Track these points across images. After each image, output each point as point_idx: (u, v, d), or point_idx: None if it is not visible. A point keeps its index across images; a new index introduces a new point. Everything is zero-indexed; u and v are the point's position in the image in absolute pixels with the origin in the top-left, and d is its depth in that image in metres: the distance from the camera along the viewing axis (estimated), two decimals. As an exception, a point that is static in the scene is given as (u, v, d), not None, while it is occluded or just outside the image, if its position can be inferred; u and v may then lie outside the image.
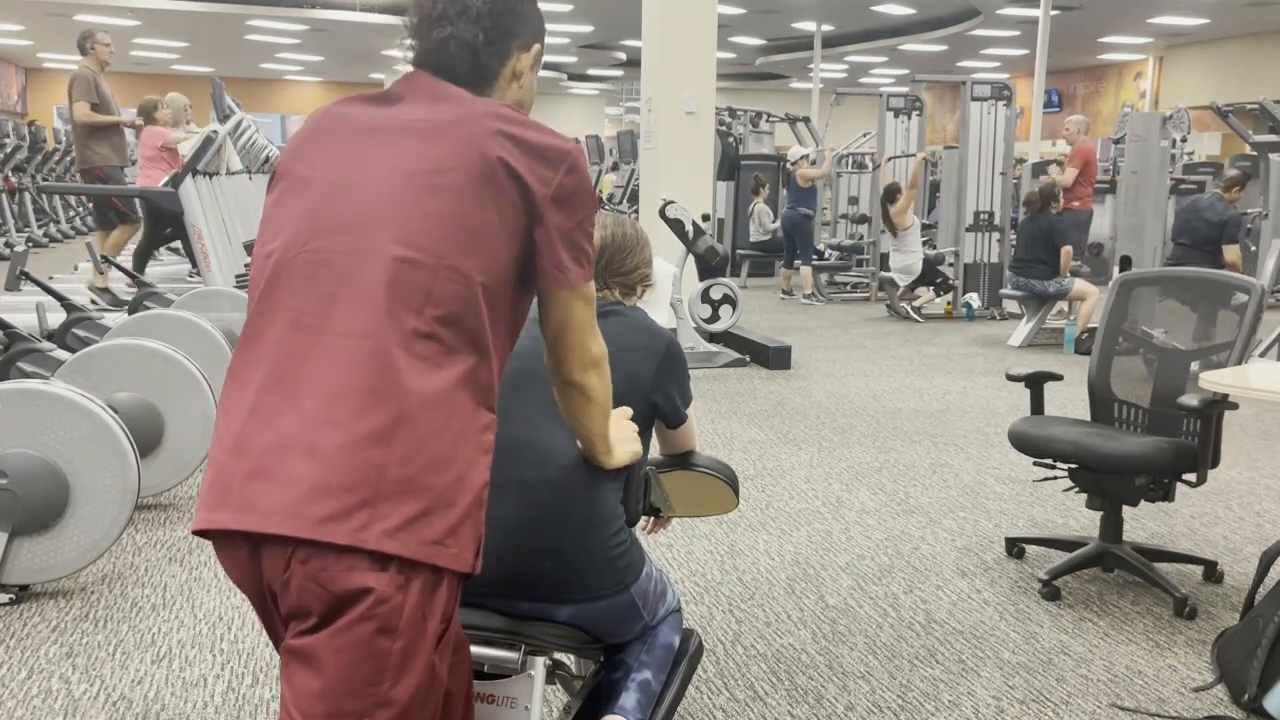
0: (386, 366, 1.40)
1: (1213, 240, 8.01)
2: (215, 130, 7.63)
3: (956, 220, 10.63)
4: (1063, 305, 9.17)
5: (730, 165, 13.11)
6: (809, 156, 12.12)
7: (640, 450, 1.94)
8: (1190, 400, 3.19)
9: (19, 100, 27.32)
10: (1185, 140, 13.29)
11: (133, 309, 5.77)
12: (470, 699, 1.67)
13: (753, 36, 21.14)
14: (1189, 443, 3.41)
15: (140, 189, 7.93)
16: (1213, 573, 3.67)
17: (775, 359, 7.59)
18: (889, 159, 11.35)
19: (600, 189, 17.84)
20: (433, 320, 1.44)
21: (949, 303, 10.40)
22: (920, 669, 2.99)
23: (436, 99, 1.57)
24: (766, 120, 15.26)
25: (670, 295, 7.52)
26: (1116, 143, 14.72)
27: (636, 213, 10.71)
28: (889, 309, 10.53)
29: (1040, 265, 8.41)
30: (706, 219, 8.31)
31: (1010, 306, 10.08)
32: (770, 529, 4.16)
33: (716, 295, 8.05)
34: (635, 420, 2.00)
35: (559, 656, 2.23)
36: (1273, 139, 10.92)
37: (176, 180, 7.19)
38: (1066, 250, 8.39)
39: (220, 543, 1.44)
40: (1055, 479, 3.72)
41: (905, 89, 11.96)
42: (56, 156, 17.28)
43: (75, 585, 3.48)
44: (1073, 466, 3.55)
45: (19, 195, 15.35)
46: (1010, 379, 3.82)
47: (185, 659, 2.99)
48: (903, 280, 10.20)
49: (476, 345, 1.48)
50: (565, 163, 1.55)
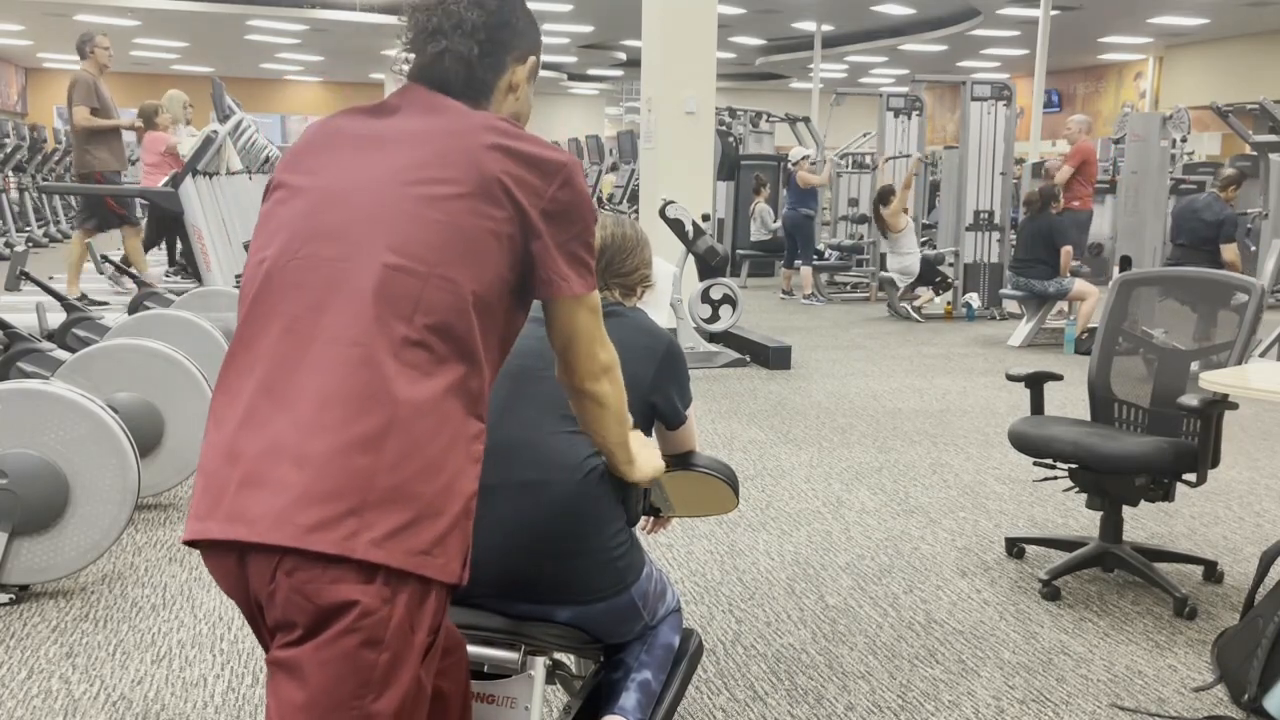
0: (376, 373, 1.39)
1: (1210, 240, 8.01)
2: (215, 130, 7.63)
3: (956, 220, 10.63)
4: (1063, 305, 9.16)
5: (730, 165, 13.11)
6: (810, 158, 12.12)
7: (664, 466, 1.93)
8: (1190, 400, 3.19)
9: (19, 100, 27.32)
10: (1185, 140, 13.28)
11: (133, 309, 5.78)
12: (468, 700, 1.67)
13: (753, 36, 21.14)
14: (1189, 443, 3.41)
15: (140, 189, 7.93)
16: (1213, 573, 3.67)
17: (775, 359, 7.59)
18: (887, 159, 11.35)
19: (600, 189, 17.82)
20: (423, 328, 1.43)
21: (949, 303, 10.40)
22: (920, 669, 2.99)
23: (432, 111, 1.56)
24: (766, 120, 15.25)
25: (670, 295, 7.53)
26: (1116, 143, 14.71)
27: (636, 213, 10.71)
28: (890, 309, 10.53)
29: (1040, 265, 8.41)
30: (706, 219, 8.31)
31: (1010, 306, 10.07)
32: (770, 529, 4.16)
33: (716, 295, 8.05)
34: (635, 422, 2.00)
35: (559, 656, 2.23)
36: (1273, 139, 10.92)
37: (176, 180, 7.20)
38: (1066, 250, 8.39)
39: (208, 552, 1.43)
40: (1055, 479, 3.72)
41: (905, 89, 11.97)
42: (56, 156, 17.30)
43: (75, 585, 3.48)
44: (1073, 466, 3.55)
45: (21, 195, 15.36)
46: (1010, 379, 3.82)
47: (185, 659, 2.99)
48: (902, 281, 10.20)
49: (467, 354, 1.46)
50: (560, 175, 1.54)
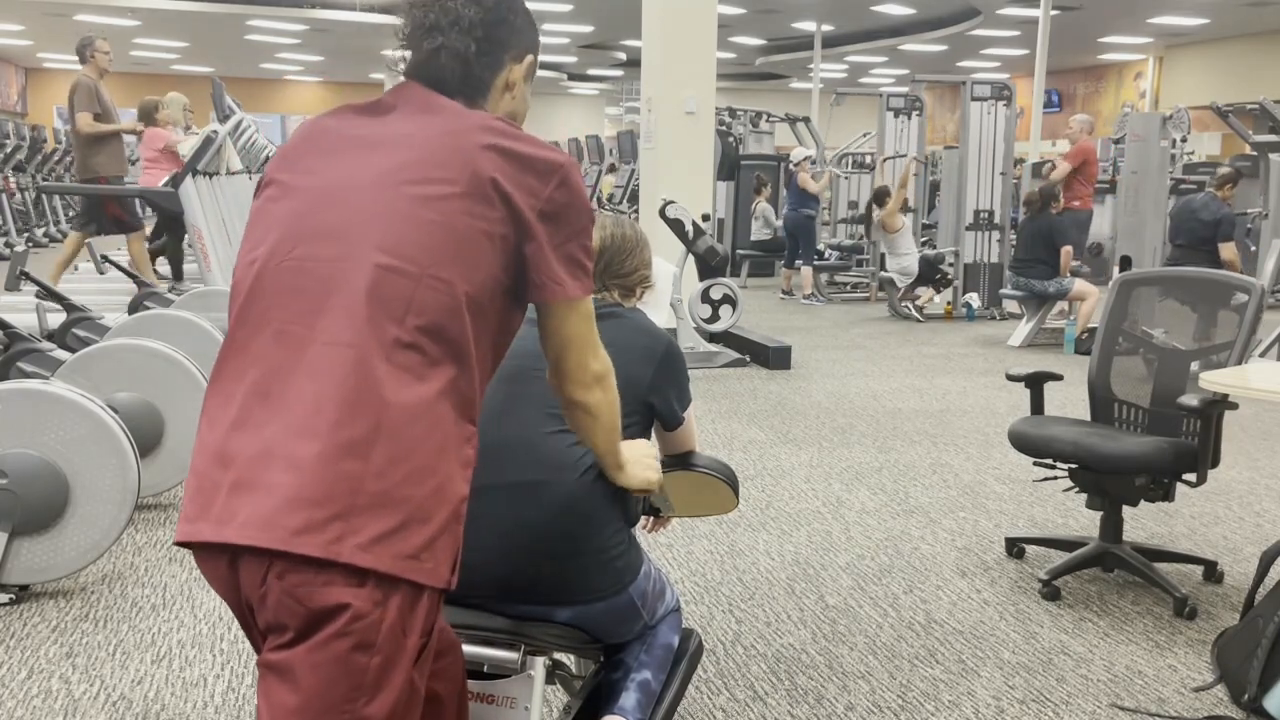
0: (367, 377, 1.38)
1: (1209, 240, 8.01)
2: (215, 130, 7.63)
3: (956, 220, 10.63)
4: (1063, 305, 9.16)
5: (730, 165, 13.11)
6: (811, 158, 12.12)
7: (660, 480, 1.90)
8: (1190, 400, 3.19)
9: (19, 100, 27.32)
10: (1185, 140, 13.29)
11: (133, 309, 5.77)
12: (464, 703, 1.66)
13: (753, 36, 21.15)
14: (1189, 443, 3.41)
15: (140, 189, 7.92)
16: (1213, 573, 3.67)
17: (775, 359, 7.59)
18: (885, 159, 11.36)
19: (600, 189, 17.81)
20: (415, 329, 1.41)
21: (949, 302, 10.40)
22: (920, 669, 2.99)
23: (427, 110, 1.54)
24: (766, 120, 15.25)
25: (670, 295, 7.52)
26: (1116, 143, 14.72)
27: (636, 213, 10.72)
28: (890, 309, 10.53)
29: (1040, 265, 8.41)
30: (706, 219, 8.31)
31: (1010, 306, 10.07)
32: (770, 529, 4.16)
33: (716, 295, 8.05)
34: (634, 422, 2.00)
35: (559, 656, 2.23)
36: (1273, 139, 10.92)
37: (177, 180, 7.19)
38: (1066, 250, 8.38)
39: (200, 554, 1.42)
40: (1055, 479, 3.72)
41: (905, 89, 11.97)
42: (56, 157, 17.31)
43: (75, 585, 3.48)
44: (1073, 466, 3.55)
45: (22, 195, 15.36)
46: (1010, 379, 3.82)
47: (185, 659, 2.99)
48: (902, 281, 10.20)
49: (459, 356, 1.45)
50: (556, 176, 1.51)
